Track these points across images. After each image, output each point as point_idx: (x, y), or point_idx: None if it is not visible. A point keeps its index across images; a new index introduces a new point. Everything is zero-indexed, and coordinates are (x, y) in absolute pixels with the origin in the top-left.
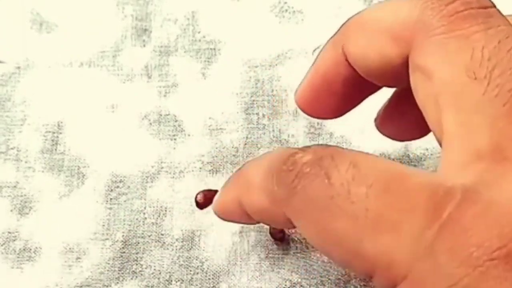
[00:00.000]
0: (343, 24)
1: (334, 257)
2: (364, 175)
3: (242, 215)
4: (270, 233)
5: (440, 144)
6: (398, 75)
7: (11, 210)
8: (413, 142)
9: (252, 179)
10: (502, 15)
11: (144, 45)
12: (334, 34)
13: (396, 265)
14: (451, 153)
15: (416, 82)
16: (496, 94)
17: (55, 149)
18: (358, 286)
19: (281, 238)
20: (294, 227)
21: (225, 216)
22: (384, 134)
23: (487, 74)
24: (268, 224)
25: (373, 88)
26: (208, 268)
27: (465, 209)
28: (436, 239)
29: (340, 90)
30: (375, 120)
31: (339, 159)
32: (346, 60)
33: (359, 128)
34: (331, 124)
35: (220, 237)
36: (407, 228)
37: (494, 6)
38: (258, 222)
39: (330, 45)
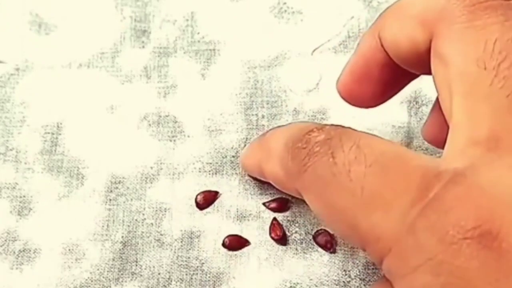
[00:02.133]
0: (381, 13)
1: (336, 230)
2: (365, 155)
3: (260, 176)
4: (270, 234)
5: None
6: (424, 60)
7: (11, 211)
8: (413, 141)
9: (272, 148)
10: None
11: (143, 46)
12: (373, 23)
13: (382, 240)
14: (453, 138)
15: (435, 68)
16: (501, 86)
17: (54, 150)
18: (359, 286)
19: (280, 238)
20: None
21: (247, 171)
22: (431, 144)
23: (495, 66)
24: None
25: (409, 76)
26: (208, 270)
27: (449, 190)
28: (418, 217)
29: (379, 77)
30: (421, 130)
31: (345, 139)
32: (382, 46)
33: (359, 129)
34: None
35: (219, 238)
36: (396, 206)
37: None
38: None
39: (368, 32)
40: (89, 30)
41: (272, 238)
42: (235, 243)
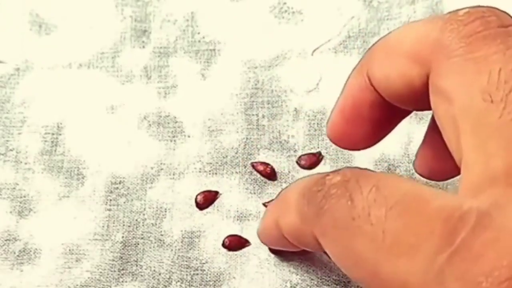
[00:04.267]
0: (368, 50)
1: (354, 277)
2: (385, 198)
3: (279, 238)
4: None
5: (459, 164)
6: (420, 96)
7: (11, 212)
8: (413, 141)
9: (288, 200)
10: None
11: (144, 46)
12: (359, 61)
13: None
14: (468, 177)
15: (436, 104)
16: None
17: (55, 151)
18: (359, 286)
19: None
20: (322, 249)
21: (266, 239)
22: (423, 177)
23: (503, 97)
24: (300, 247)
25: (401, 113)
26: (208, 270)
27: (477, 235)
28: (447, 265)
29: (369, 117)
30: (413, 163)
31: (363, 181)
32: (371, 84)
33: None
34: None
35: (220, 238)
36: (421, 252)
37: None
38: (298, 248)
39: (355, 71)
40: (89, 30)
41: (270, 250)
42: (235, 243)
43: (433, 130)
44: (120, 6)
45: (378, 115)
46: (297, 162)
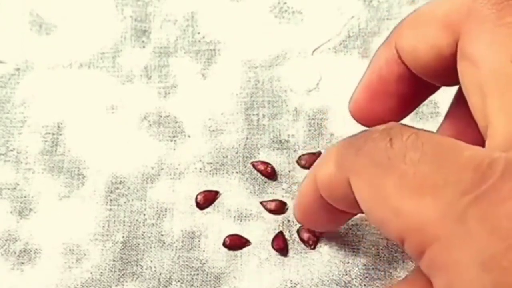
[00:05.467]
0: (397, 24)
1: (376, 218)
2: (421, 144)
3: (315, 201)
4: (272, 244)
5: (483, 132)
6: (447, 68)
7: (11, 212)
8: None
9: (329, 152)
10: None
11: (144, 46)
12: (388, 35)
13: (428, 227)
14: (494, 137)
15: (463, 69)
16: None
17: (55, 151)
18: (359, 286)
19: (282, 249)
20: (352, 203)
21: (302, 208)
22: None
23: None
24: (332, 203)
25: (428, 89)
26: (208, 269)
27: (505, 181)
28: (471, 206)
29: (396, 91)
30: None
31: (405, 129)
32: (399, 57)
33: (360, 128)
34: (332, 125)
35: (220, 238)
36: (448, 193)
37: None
38: (333, 217)
39: (383, 45)
40: (89, 30)
41: (274, 248)
42: (236, 242)
43: (456, 105)
44: (120, 6)
45: (404, 89)
46: (297, 161)
